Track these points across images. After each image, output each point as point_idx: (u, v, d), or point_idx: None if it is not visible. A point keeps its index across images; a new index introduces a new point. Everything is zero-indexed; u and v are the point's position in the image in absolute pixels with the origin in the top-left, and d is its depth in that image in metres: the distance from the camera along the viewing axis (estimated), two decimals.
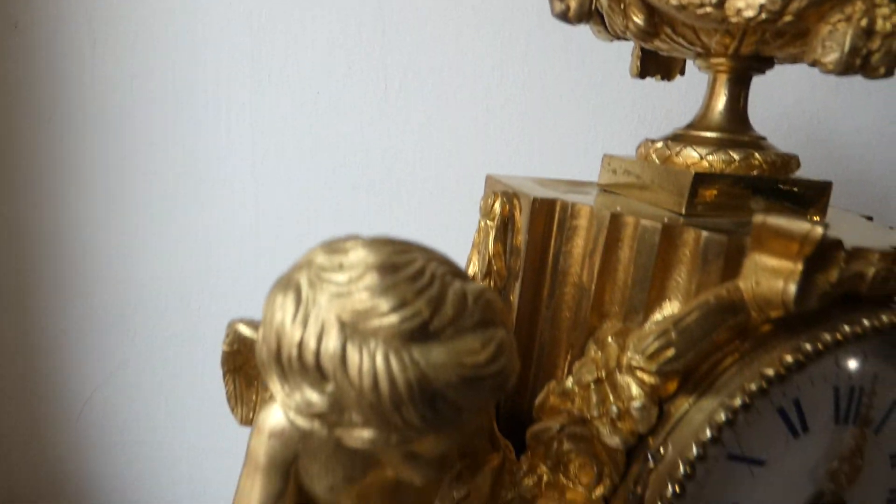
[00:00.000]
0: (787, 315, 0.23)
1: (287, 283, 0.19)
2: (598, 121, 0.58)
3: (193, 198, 0.61)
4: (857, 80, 0.58)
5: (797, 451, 0.26)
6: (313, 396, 0.18)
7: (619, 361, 0.25)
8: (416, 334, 0.17)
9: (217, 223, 0.62)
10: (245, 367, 0.29)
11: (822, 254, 0.22)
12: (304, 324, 0.18)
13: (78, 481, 0.71)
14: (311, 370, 0.18)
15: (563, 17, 0.31)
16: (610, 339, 0.26)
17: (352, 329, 0.17)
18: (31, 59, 0.57)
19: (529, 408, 0.29)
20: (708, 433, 0.22)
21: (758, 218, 0.23)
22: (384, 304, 0.17)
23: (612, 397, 0.25)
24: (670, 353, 0.23)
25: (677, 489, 0.23)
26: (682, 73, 0.39)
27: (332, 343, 0.17)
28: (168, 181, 0.60)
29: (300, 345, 0.18)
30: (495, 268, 0.35)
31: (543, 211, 0.32)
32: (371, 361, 0.17)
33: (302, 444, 0.24)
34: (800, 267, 0.21)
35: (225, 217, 0.62)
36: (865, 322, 0.22)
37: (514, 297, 0.34)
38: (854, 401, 0.26)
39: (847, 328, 0.22)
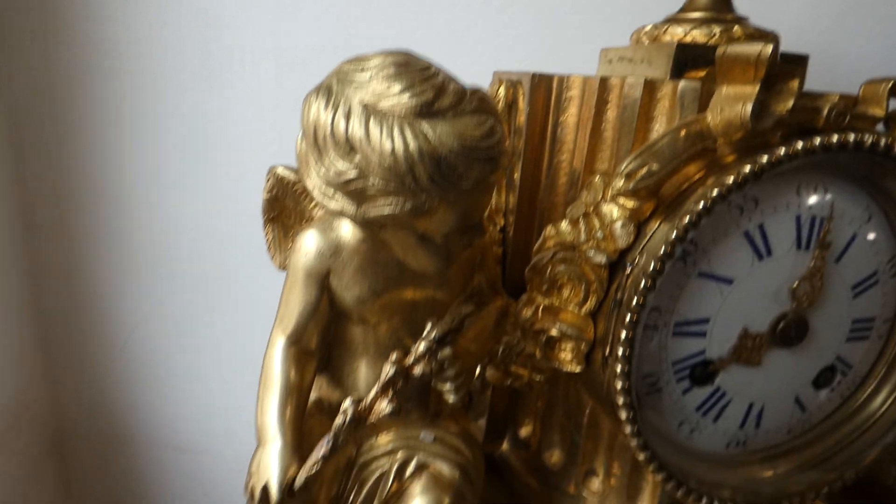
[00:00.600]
0: (748, 138, 0.26)
1: (319, 87, 0.23)
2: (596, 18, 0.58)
3: (222, 140, 0.65)
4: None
5: (762, 273, 0.29)
6: (344, 166, 0.23)
7: (604, 194, 0.29)
8: (424, 111, 0.22)
9: (244, 164, 0.66)
10: (282, 216, 0.33)
11: (777, 76, 0.25)
12: (335, 109, 0.22)
13: (121, 412, 0.78)
14: (341, 144, 0.22)
15: None
16: (597, 178, 0.30)
17: (373, 108, 0.22)
18: (64, 12, 0.62)
19: None
20: (674, 233, 0.26)
21: (720, 49, 0.26)
22: (397, 86, 0.22)
23: (597, 224, 0.29)
24: (644, 170, 0.27)
25: (649, 283, 0.26)
26: None
27: (356, 120, 0.22)
28: (198, 124, 0.65)
29: (332, 125, 0.22)
30: None
31: (542, 86, 0.35)
32: (389, 132, 0.21)
33: (332, 259, 0.29)
34: (756, 87, 0.25)
35: (252, 157, 0.66)
36: (818, 140, 0.26)
37: (518, 173, 0.37)
38: (814, 229, 0.29)
39: (800, 144, 0.25)
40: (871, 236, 0.30)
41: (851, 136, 0.26)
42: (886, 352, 0.33)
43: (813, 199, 0.29)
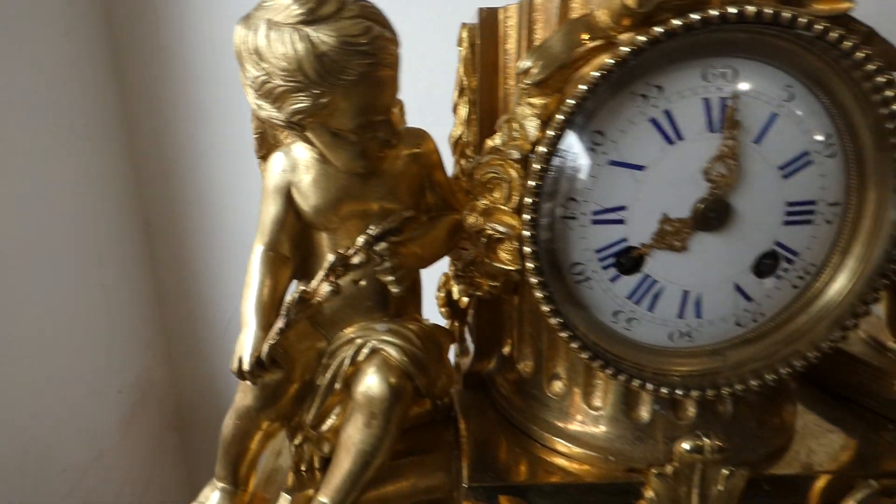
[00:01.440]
0: (638, 25, 0.28)
1: (244, 17, 0.29)
2: None
3: None
4: None
5: (674, 158, 0.30)
6: (257, 72, 0.28)
7: (519, 99, 0.32)
8: (307, 18, 0.27)
9: None
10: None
11: None
12: (249, 29, 0.28)
13: (231, 387, 0.90)
14: (253, 55, 0.28)
15: None
16: (519, 86, 0.33)
17: (272, 22, 0.27)
18: (172, 31, 0.74)
19: None
20: (561, 116, 0.28)
21: None
22: (292, 4, 0.27)
23: (516, 126, 0.32)
24: (538, 66, 0.29)
25: (542, 166, 0.29)
26: None
27: (261, 33, 0.27)
28: None
29: (247, 42, 0.28)
30: (465, 84, 0.42)
31: (490, 19, 0.39)
32: (280, 38, 0.27)
33: (292, 174, 0.35)
34: None
35: None
36: (695, 16, 0.27)
37: (478, 106, 0.41)
38: (725, 111, 0.30)
39: (698, 15, 0.27)
40: (796, 115, 0.30)
41: (734, 10, 0.27)
42: (841, 239, 0.32)
43: (721, 82, 0.30)
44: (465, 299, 0.47)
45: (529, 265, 0.31)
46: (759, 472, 0.34)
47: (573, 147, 0.31)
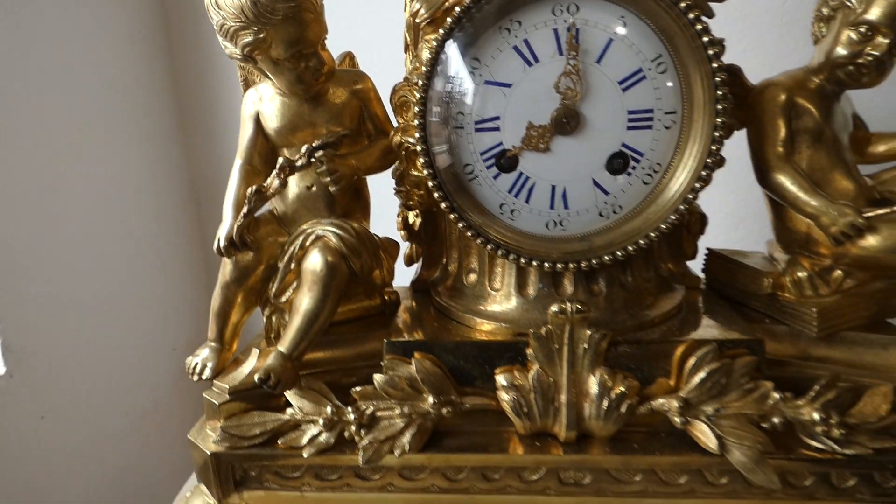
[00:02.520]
0: None
1: None
2: None
3: None
4: None
5: (533, 77, 0.39)
6: (216, 17, 0.40)
7: (420, 37, 0.41)
8: None
9: None
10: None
11: None
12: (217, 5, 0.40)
13: None
14: (213, 6, 0.39)
15: None
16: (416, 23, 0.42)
17: None
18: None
19: None
20: (434, 44, 0.38)
21: None
22: None
23: (416, 58, 0.41)
24: (424, 7, 0.39)
25: (425, 81, 0.38)
26: None
27: None
28: None
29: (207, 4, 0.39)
30: (409, 42, 0.52)
31: None
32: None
33: (259, 104, 0.46)
34: None
35: None
36: None
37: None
38: (572, 38, 0.38)
39: None
40: (629, 40, 0.38)
41: None
42: (680, 142, 0.40)
43: (566, 16, 0.38)
44: (418, 221, 0.57)
45: (425, 169, 0.41)
46: (621, 336, 0.42)
47: (459, 73, 0.40)
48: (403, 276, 0.56)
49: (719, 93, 0.37)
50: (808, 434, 0.40)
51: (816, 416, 0.39)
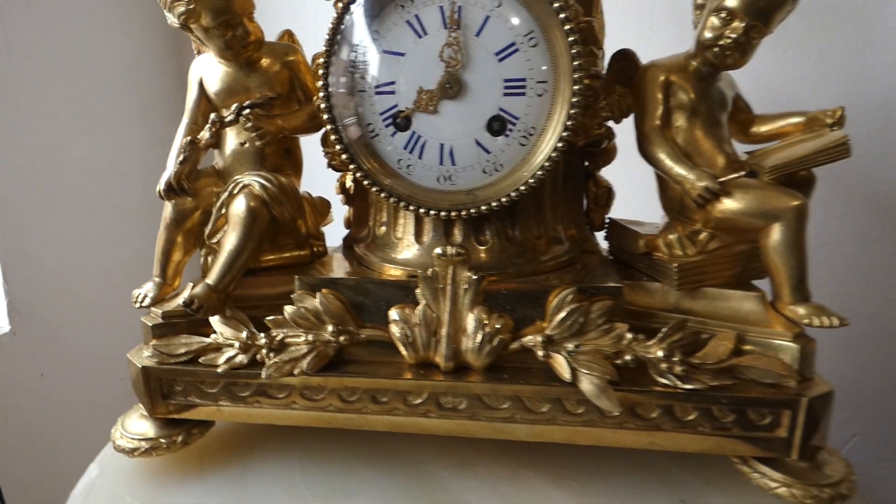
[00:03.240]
0: None
1: None
2: None
3: None
4: None
5: (423, 47, 0.45)
6: None
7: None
8: None
9: None
10: None
11: None
12: None
13: None
14: None
15: None
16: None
17: None
18: None
19: None
20: (335, 18, 0.44)
21: None
22: None
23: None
24: None
25: (328, 56, 0.45)
26: None
27: None
28: None
29: None
30: None
31: None
32: None
33: (203, 70, 0.53)
34: None
35: None
36: None
37: None
38: (454, 13, 0.44)
39: None
40: (504, 17, 0.44)
41: None
42: (552, 108, 0.45)
43: None
44: (353, 186, 0.63)
45: (329, 126, 0.47)
46: (502, 281, 0.48)
47: (362, 42, 0.47)
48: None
49: (576, 63, 0.43)
50: (656, 372, 0.45)
51: (661, 353, 0.44)
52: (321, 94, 0.46)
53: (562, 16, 0.42)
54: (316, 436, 0.53)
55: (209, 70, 0.53)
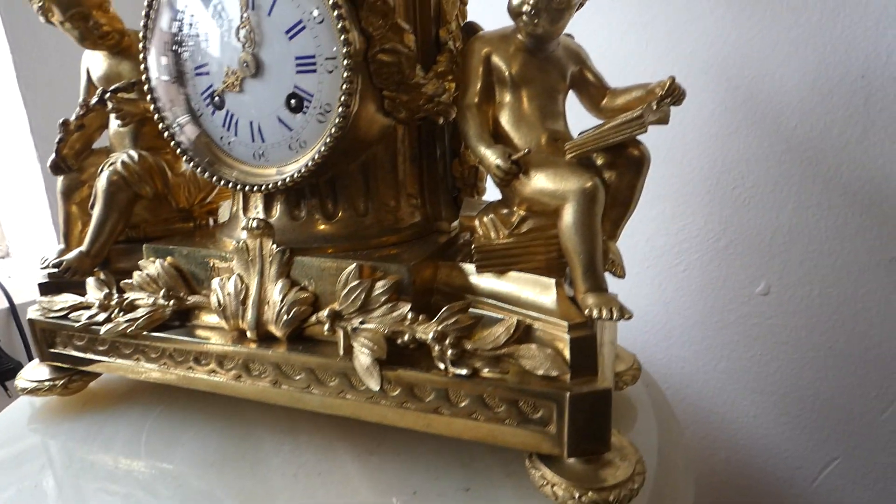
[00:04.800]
0: None
1: None
2: None
3: None
4: None
5: (224, 28, 0.47)
6: None
7: None
8: None
9: None
10: None
11: None
12: None
13: None
14: None
15: None
16: None
17: None
18: None
19: None
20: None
21: None
22: None
23: None
24: None
25: (145, 40, 0.48)
26: None
27: None
28: None
29: None
30: None
31: None
32: None
33: (88, 60, 0.59)
34: None
35: None
36: None
37: None
38: None
39: None
40: None
41: None
42: (347, 83, 0.45)
43: None
44: None
45: (159, 125, 0.51)
46: (307, 255, 0.49)
47: (180, 33, 0.49)
48: None
49: (342, 37, 0.43)
50: (432, 354, 0.44)
51: (431, 335, 0.43)
52: (143, 79, 0.50)
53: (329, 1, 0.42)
54: (185, 394, 0.58)
55: (93, 59, 0.59)
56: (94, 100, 0.56)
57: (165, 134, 0.51)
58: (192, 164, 0.51)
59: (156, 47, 0.50)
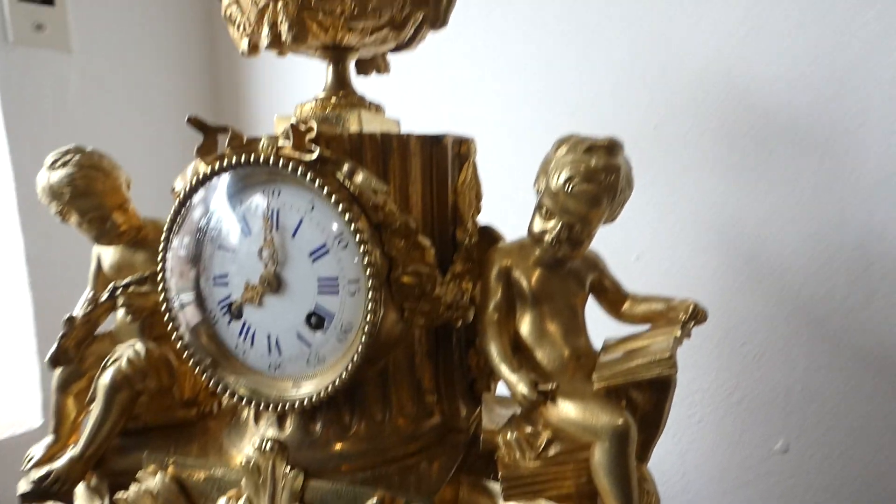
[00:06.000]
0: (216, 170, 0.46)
1: None
2: None
3: None
4: (765, 29, 0.74)
5: (249, 244, 0.47)
6: (38, 192, 0.53)
7: None
8: (50, 166, 0.51)
9: None
10: None
11: (210, 131, 0.46)
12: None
13: None
14: (38, 185, 0.53)
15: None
16: None
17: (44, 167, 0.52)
18: None
19: None
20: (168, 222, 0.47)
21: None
22: (48, 158, 0.52)
23: None
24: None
25: (166, 253, 0.48)
26: None
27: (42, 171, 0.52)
28: None
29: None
30: None
31: None
32: (41, 175, 0.52)
33: (99, 249, 0.58)
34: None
35: None
36: (224, 160, 0.44)
37: None
38: (272, 217, 0.46)
39: (214, 165, 0.44)
40: (316, 219, 0.45)
41: (238, 158, 0.44)
42: (368, 304, 0.45)
43: (271, 198, 0.46)
44: None
45: (162, 302, 0.50)
46: (323, 476, 0.46)
47: (203, 239, 0.49)
48: None
49: (368, 272, 0.43)
50: None
51: None
52: (160, 255, 0.49)
53: (351, 224, 0.42)
54: None
55: (104, 249, 0.58)
56: (104, 296, 0.55)
57: (173, 336, 0.49)
58: (198, 367, 0.49)
59: (182, 232, 0.49)
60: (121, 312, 0.58)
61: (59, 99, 0.95)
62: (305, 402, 0.46)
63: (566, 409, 0.42)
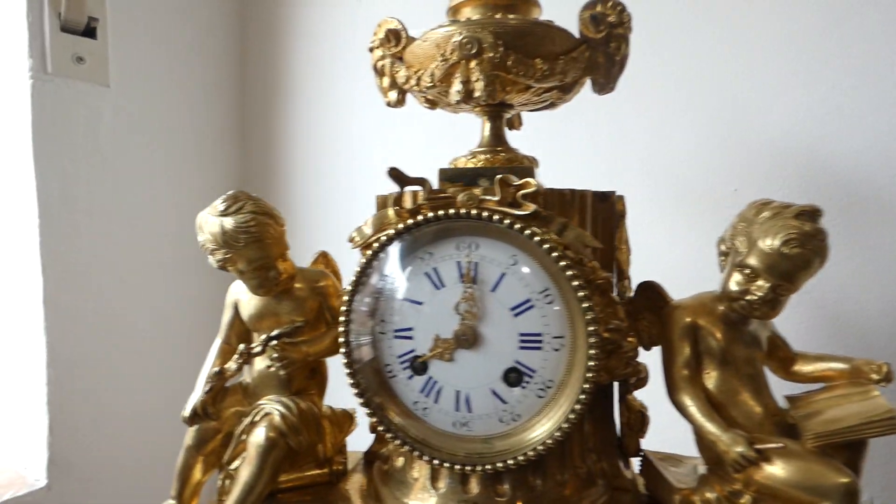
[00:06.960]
0: (409, 213, 0.46)
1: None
2: None
3: None
4: (848, 104, 0.77)
5: (440, 298, 0.46)
6: (201, 238, 0.51)
7: None
8: (222, 212, 0.49)
9: None
10: None
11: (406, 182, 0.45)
12: (201, 214, 0.51)
13: None
14: (199, 228, 0.51)
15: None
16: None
17: (209, 214, 0.50)
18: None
19: None
20: (357, 272, 0.46)
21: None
22: (219, 204, 0.50)
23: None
24: (358, 237, 0.48)
25: (349, 304, 0.46)
26: None
27: (202, 217, 0.51)
28: None
29: (198, 220, 0.51)
30: None
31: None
32: (210, 222, 0.50)
33: (237, 295, 0.56)
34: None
35: None
36: (427, 213, 0.44)
37: None
38: (470, 270, 0.45)
39: (444, 211, 0.44)
40: (520, 274, 0.45)
41: (442, 211, 0.44)
42: (570, 362, 0.44)
43: (467, 251, 0.46)
44: None
45: (345, 361, 0.48)
46: None
47: (384, 291, 0.48)
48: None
49: (588, 319, 0.42)
50: None
51: None
52: (343, 311, 0.48)
53: (574, 281, 0.43)
54: None
55: (243, 294, 0.56)
56: (257, 347, 0.52)
57: (360, 400, 0.47)
58: (379, 422, 0.47)
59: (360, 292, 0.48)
60: (261, 364, 0.55)
61: (91, 132, 0.92)
62: (511, 463, 0.44)
63: (781, 470, 0.42)
